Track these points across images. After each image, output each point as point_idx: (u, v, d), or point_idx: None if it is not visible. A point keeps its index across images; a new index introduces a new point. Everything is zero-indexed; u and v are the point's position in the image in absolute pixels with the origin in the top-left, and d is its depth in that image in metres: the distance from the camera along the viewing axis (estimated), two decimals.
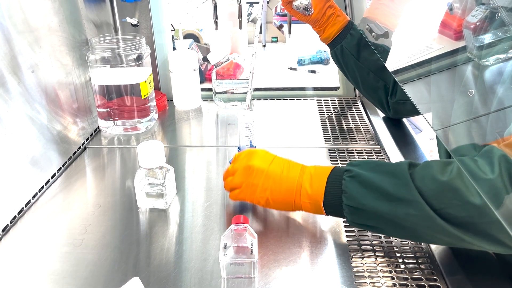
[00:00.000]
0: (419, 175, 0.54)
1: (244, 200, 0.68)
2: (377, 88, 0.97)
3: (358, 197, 0.57)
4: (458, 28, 0.58)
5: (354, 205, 0.58)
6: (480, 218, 0.50)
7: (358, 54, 0.96)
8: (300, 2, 0.93)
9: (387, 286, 0.58)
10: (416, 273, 0.60)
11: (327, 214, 0.63)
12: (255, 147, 0.84)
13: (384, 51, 0.82)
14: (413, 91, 0.66)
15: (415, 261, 0.62)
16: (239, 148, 0.84)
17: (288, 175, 0.63)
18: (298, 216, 0.73)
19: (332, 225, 0.70)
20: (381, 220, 0.57)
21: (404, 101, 0.93)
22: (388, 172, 0.57)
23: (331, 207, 0.61)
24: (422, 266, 0.61)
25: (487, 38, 0.52)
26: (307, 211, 0.64)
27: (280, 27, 2.05)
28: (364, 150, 0.94)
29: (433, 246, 0.65)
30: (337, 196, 0.59)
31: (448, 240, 0.54)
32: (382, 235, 0.66)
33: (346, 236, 0.68)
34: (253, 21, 2.02)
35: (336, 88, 1.26)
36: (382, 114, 1.09)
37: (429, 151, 1.72)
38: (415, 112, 0.93)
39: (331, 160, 0.90)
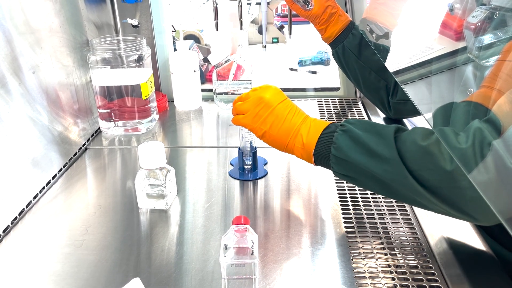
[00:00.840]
0: (403, 138, 0.58)
1: (244, 126, 0.71)
2: (379, 87, 0.97)
3: (345, 149, 0.61)
4: (459, 28, 0.58)
5: (340, 156, 0.62)
6: (448, 183, 0.53)
7: (360, 54, 0.96)
8: None
9: (388, 287, 0.58)
10: (416, 274, 0.60)
11: (316, 163, 0.66)
12: (255, 148, 0.84)
13: (385, 51, 0.81)
14: (413, 92, 0.66)
15: (416, 261, 0.62)
16: (239, 148, 0.84)
17: (291, 118, 0.67)
18: (299, 216, 0.73)
19: (332, 226, 0.70)
20: (362, 173, 0.61)
21: (405, 101, 0.93)
22: (376, 131, 0.61)
23: (320, 156, 0.65)
24: (423, 266, 0.61)
25: (488, 38, 0.52)
26: (298, 156, 0.68)
27: (280, 27, 2.05)
28: None
29: (433, 247, 0.65)
30: (327, 147, 0.64)
31: (419, 200, 0.57)
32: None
33: (347, 237, 0.68)
34: (254, 21, 2.02)
35: (336, 89, 1.26)
36: (382, 115, 1.09)
37: None
38: (416, 112, 0.93)
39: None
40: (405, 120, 1.06)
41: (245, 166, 0.85)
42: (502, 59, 0.50)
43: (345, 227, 0.70)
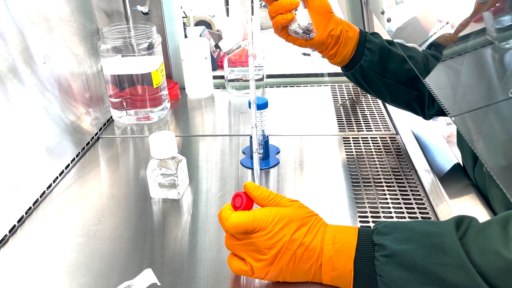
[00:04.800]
0: (477, 248, 0.44)
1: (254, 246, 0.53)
2: (410, 100, 0.83)
3: (401, 283, 0.47)
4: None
5: None
6: None
7: (384, 70, 0.79)
8: (298, 25, 0.71)
9: None
10: None
11: None
12: (267, 136, 0.83)
13: (417, 61, 0.69)
14: (429, 76, 0.64)
15: None
16: (251, 137, 0.83)
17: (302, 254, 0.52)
18: (312, 206, 0.72)
19: (346, 216, 0.69)
20: None
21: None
22: (432, 245, 0.46)
23: None
24: None
25: (507, 19, 0.50)
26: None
27: None
28: (379, 137, 0.92)
29: None
30: (370, 280, 0.50)
31: None
32: None
33: (360, 222, 0.67)
34: (266, 6, 1.99)
35: None
36: None
37: (446, 136, 1.69)
38: None
39: (345, 149, 0.88)
40: None
41: None
42: None
43: (359, 216, 0.69)
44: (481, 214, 0.65)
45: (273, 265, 0.52)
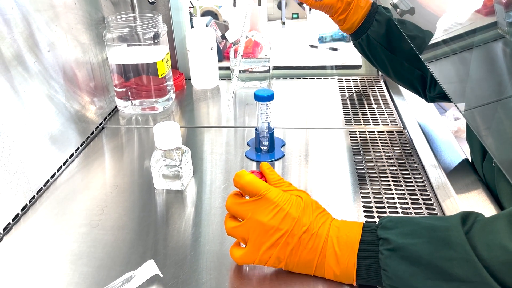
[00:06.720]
0: (483, 242, 0.43)
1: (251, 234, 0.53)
2: (413, 78, 0.85)
3: (406, 278, 0.46)
4: (489, 2, 0.54)
5: (399, 286, 0.47)
6: None
7: (389, 44, 0.83)
8: None
9: None
10: None
11: None
12: (273, 128, 0.82)
13: (420, 39, 0.71)
14: (439, 70, 0.63)
15: None
16: (256, 129, 0.82)
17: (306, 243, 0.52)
18: (317, 199, 0.71)
19: (351, 210, 0.69)
20: None
21: (444, 94, 0.84)
22: (437, 239, 0.45)
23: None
24: None
25: None
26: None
27: (301, 3, 1.99)
28: (386, 131, 0.91)
29: None
30: (374, 275, 0.50)
31: None
32: None
33: (366, 222, 0.66)
34: None
35: (358, 67, 1.22)
36: (405, 94, 1.05)
37: (453, 131, 1.68)
38: None
39: (351, 142, 0.87)
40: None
41: (262, 148, 0.83)
42: None
43: (364, 210, 0.68)
44: (489, 210, 0.64)
45: (277, 248, 0.52)
